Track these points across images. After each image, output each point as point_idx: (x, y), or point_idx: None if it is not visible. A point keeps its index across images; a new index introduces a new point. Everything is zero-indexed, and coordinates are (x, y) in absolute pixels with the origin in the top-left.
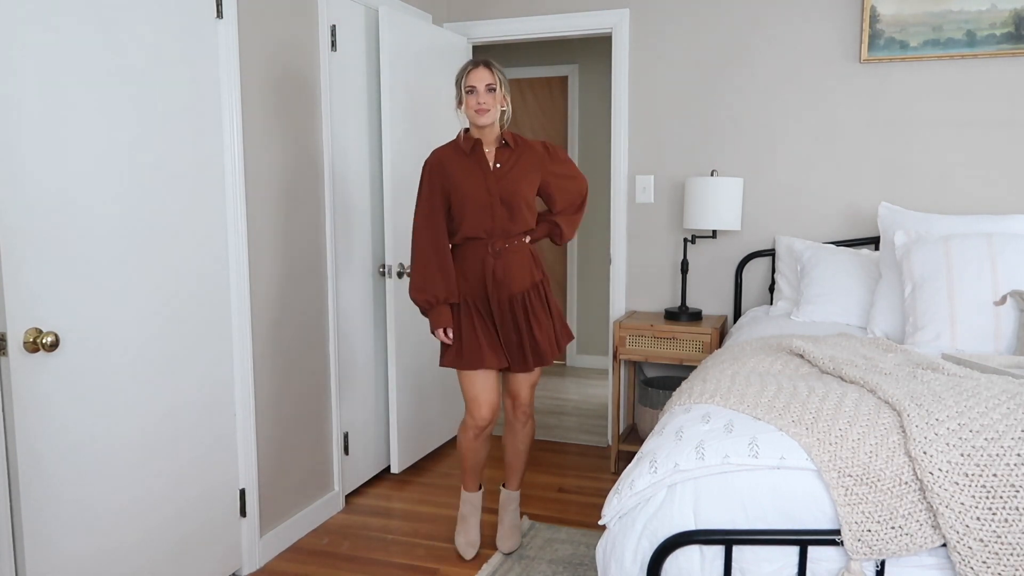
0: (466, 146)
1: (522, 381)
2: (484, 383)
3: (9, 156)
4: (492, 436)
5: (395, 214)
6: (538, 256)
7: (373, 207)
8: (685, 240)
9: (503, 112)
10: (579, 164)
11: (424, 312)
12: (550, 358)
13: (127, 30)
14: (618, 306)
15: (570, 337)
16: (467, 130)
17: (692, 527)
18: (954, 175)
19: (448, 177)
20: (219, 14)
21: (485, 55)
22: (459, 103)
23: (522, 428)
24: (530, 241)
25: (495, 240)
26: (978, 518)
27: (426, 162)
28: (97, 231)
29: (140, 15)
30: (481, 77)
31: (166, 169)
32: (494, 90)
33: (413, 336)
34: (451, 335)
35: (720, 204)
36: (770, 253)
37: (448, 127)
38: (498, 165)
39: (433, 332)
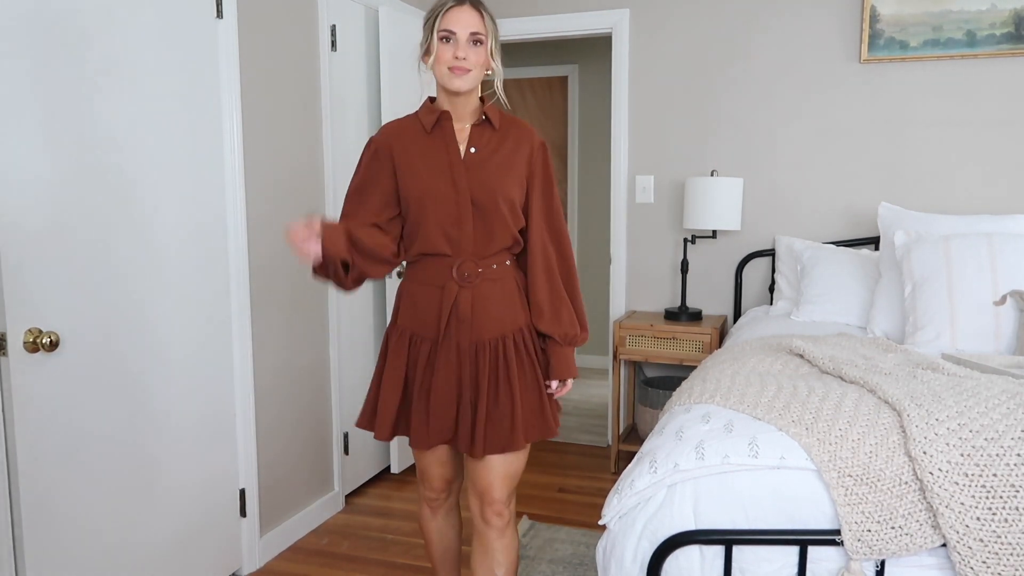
0: (428, 120)
1: (491, 470)
2: (433, 455)
3: (8, 156)
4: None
5: None
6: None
7: None
8: (685, 240)
9: (490, 77)
10: (579, 164)
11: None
12: (518, 442)
13: (127, 30)
14: (618, 306)
15: (556, 424)
16: (433, 99)
17: (692, 527)
18: (954, 175)
19: (399, 163)
20: (219, 14)
21: None
22: (425, 53)
23: (498, 539)
24: (514, 263)
25: (464, 261)
26: (978, 518)
27: (370, 140)
28: (97, 231)
29: (140, 15)
30: (465, 21)
31: (166, 169)
32: (481, 43)
33: None
34: (315, 227)
35: (720, 204)
36: (770, 253)
37: None
38: (473, 150)
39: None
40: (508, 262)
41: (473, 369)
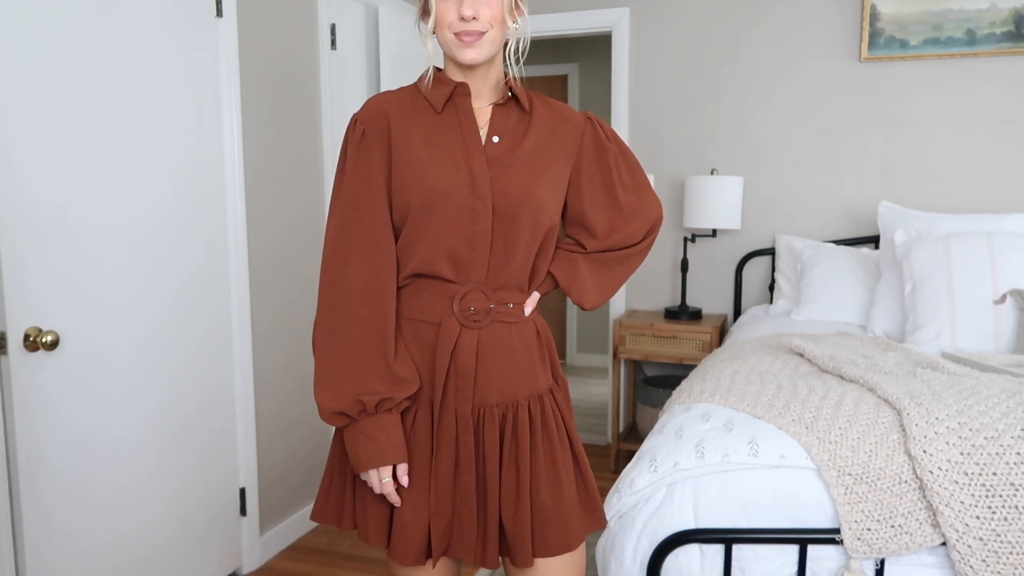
0: (437, 95)
1: None
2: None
3: (8, 155)
4: None
5: None
6: (550, 340)
7: None
8: (685, 239)
9: (512, 39)
10: None
11: (340, 424)
12: (539, 548)
13: (126, 29)
14: (618, 305)
15: (599, 522)
16: (440, 69)
17: (692, 526)
18: (954, 174)
19: (397, 148)
20: (219, 12)
21: None
22: (423, 12)
23: None
24: (536, 301)
25: (470, 290)
26: (978, 516)
27: (354, 119)
28: (97, 230)
29: (139, 14)
30: None
31: (165, 167)
32: None
33: None
34: (406, 481)
35: (720, 203)
36: (770, 252)
37: None
38: (495, 139)
39: (360, 473)
40: (528, 305)
41: (477, 447)
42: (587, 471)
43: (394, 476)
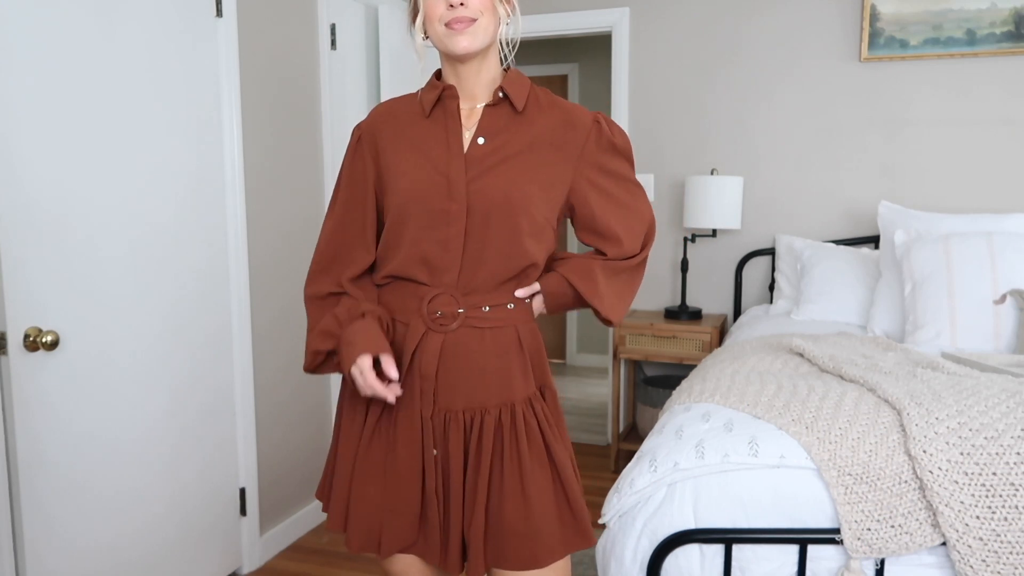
0: (427, 98)
1: None
2: (399, 568)
3: (8, 155)
4: None
5: None
6: (537, 348)
7: None
8: (685, 239)
9: (503, 26)
10: None
11: (329, 347)
12: (496, 559)
13: (126, 29)
14: None
15: (583, 540)
16: (439, 73)
17: (692, 526)
18: (954, 174)
19: (384, 154)
20: (219, 12)
21: None
22: (413, 12)
23: None
24: (522, 305)
25: (440, 293)
26: (977, 516)
27: (355, 127)
28: (97, 230)
29: (139, 14)
30: None
31: (165, 168)
32: None
33: None
34: (392, 373)
35: (720, 203)
36: (770, 252)
37: None
38: (481, 140)
39: (345, 373)
40: (510, 305)
41: (442, 451)
42: (570, 486)
43: (376, 366)
